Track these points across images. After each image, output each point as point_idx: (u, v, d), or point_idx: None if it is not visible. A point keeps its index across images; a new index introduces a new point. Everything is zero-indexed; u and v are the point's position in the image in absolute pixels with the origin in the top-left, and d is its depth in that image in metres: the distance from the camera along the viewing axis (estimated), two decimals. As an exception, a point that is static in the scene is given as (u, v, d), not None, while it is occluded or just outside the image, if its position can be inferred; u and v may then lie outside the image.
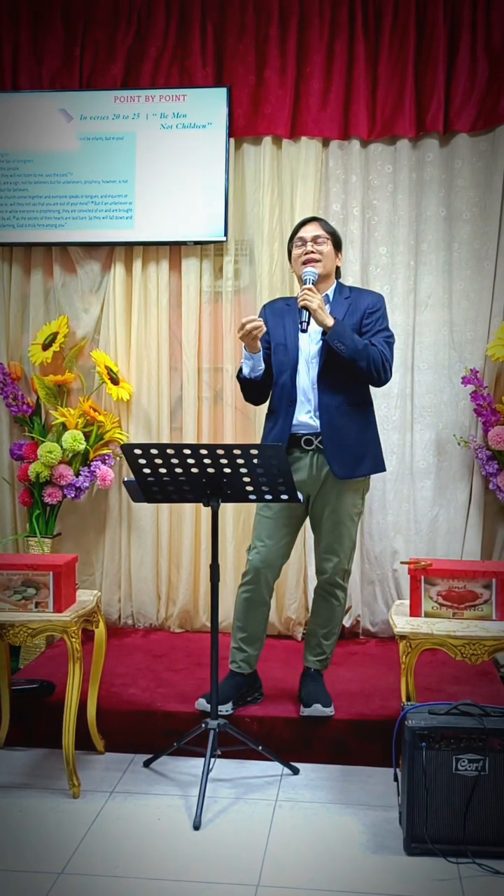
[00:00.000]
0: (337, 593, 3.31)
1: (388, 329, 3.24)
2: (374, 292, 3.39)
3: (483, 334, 3.99)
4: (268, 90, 4.07)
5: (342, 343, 3.03)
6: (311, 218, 3.33)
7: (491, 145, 3.96)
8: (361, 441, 3.20)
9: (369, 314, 3.20)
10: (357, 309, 3.21)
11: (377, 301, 3.26)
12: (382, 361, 3.11)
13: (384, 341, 3.17)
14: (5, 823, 2.76)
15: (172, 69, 4.15)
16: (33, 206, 4.16)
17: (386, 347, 3.15)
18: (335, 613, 3.34)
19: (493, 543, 4.10)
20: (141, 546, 4.25)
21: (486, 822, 2.58)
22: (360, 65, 3.99)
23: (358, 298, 3.25)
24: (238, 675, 3.31)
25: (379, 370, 3.10)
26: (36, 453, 4.05)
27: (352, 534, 3.26)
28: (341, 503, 3.20)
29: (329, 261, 3.21)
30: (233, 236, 4.14)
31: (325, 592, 3.32)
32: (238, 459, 2.81)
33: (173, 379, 4.24)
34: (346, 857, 2.58)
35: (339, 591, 3.31)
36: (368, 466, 3.24)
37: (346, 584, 3.32)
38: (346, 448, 3.16)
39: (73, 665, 2.93)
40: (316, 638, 3.36)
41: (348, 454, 3.16)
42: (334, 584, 3.28)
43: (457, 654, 2.82)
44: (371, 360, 3.08)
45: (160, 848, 2.62)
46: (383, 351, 3.12)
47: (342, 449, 3.15)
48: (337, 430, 3.14)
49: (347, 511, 3.22)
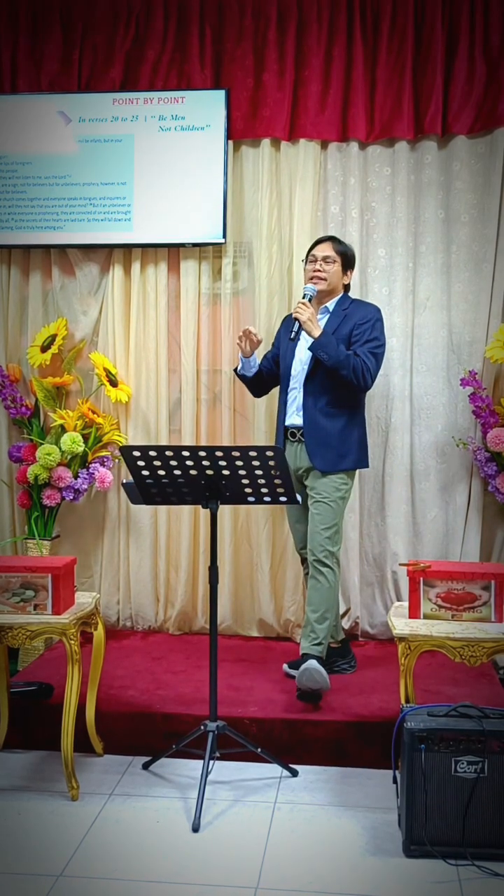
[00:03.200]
0: (323, 571, 3.41)
1: (377, 339, 3.51)
2: (371, 305, 3.64)
3: (482, 336, 4.00)
4: (266, 93, 4.07)
5: (325, 353, 3.37)
6: (327, 237, 3.63)
7: (489, 147, 3.97)
8: (343, 439, 3.49)
9: (359, 325, 3.49)
10: (350, 319, 3.51)
11: (369, 313, 3.54)
12: (362, 371, 3.41)
13: (368, 351, 3.45)
14: (4, 826, 2.75)
15: (171, 72, 4.15)
16: (32, 208, 4.16)
17: (369, 357, 3.44)
18: (323, 595, 3.39)
19: (491, 545, 4.10)
20: (139, 548, 4.25)
21: (486, 825, 2.58)
22: (359, 67, 4.00)
23: (355, 310, 3.55)
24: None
25: (358, 378, 3.40)
26: (34, 455, 4.05)
27: (335, 513, 3.46)
28: (324, 483, 3.47)
29: (334, 279, 3.55)
30: (231, 238, 4.15)
31: (313, 571, 3.44)
32: (236, 461, 2.81)
33: (172, 381, 4.24)
34: (345, 860, 2.58)
35: (325, 570, 3.41)
36: (350, 462, 3.53)
37: (331, 564, 3.42)
38: (327, 445, 3.47)
39: (72, 667, 2.93)
40: (310, 624, 3.40)
41: (329, 451, 3.47)
42: (318, 560, 3.42)
43: (456, 655, 2.82)
44: (352, 368, 3.39)
45: (159, 850, 2.62)
46: (365, 361, 3.42)
47: (323, 445, 3.46)
48: (318, 428, 3.47)
49: (329, 491, 3.46)
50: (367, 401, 3.85)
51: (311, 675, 3.21)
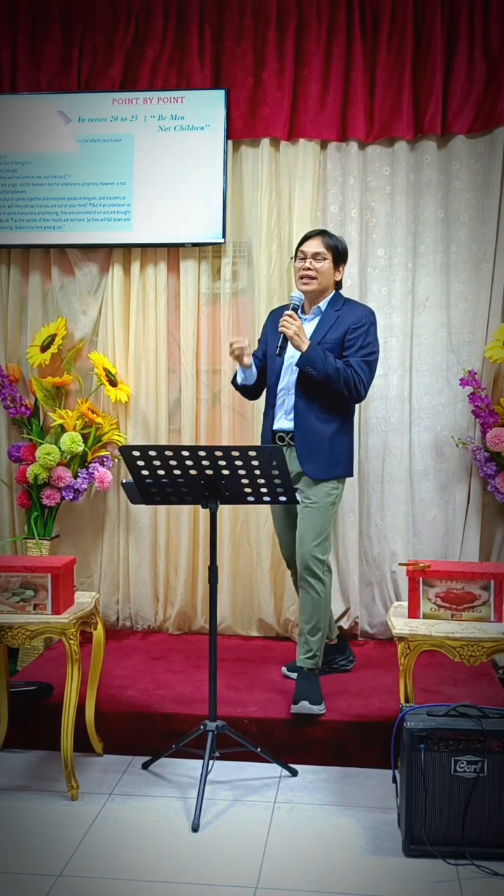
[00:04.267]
0: (312, 583, 3.32)
1: (371, 346, 3.35)
2: (363, 307, 3.48)
3: (481, 336, 4.00)
4: (266, 92, 4.07)
5: (313, 368, 3.22)
6: (317, 232, 3.46)
7: (488, 147, 3.97)
8: (334, 445, 3.35)
9: (353, 330, 3.33)
10: (342, 323, 3.35)
11: (362, 317, 3.36)
12: (354, 383, 3.26)
13: (362, 360, 3.30)
14: (4, 826, 2.75)
15: (170, 71, 4.15)
16: (31, 207, 4.16)
17: (362, 367, 3.29)
18: (314, 606, 3.34)
19: (491, 545, 4.10)
20: (139, 548, 4.25)
21: (485, 824, 2.58)
22: (358, 67, 4.00)
23: (347, 312, 3.38)
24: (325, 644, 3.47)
25: (350, 390, 3.27)
26: (34, 455, 4.05)
27: (324, 521, 3.34)
28: (314, 491, 3.34)
29: (325, 277, 3.38)
30: (231, 238, 4.15)
31: (303, 582, 3.36)
32: (236, 461, 2.81)
33: (171, 381, 4.24)
34: (345, 859, 2.58)
35: (315, 581, 3.32)
36: (341, 470, 3.40)
37: (321, 574, 3.33)
38: (318, 451, 3.33)
39: (72, 667, 2.93)
40: (303, 636, 3.38)
41: (320, 456, 3.33)
42: (307, 570, 3.32)
43: (455, 655, 2.83)
44: (342, 381, 3.25)
45: (159, 850, 2.62)
46: (357, 371, 3.27)
47: (314, 451, 3.33)
48: (309, 433, 3.33)
49: (319, 499, 3.33)
50: (366, 401, 3.86)
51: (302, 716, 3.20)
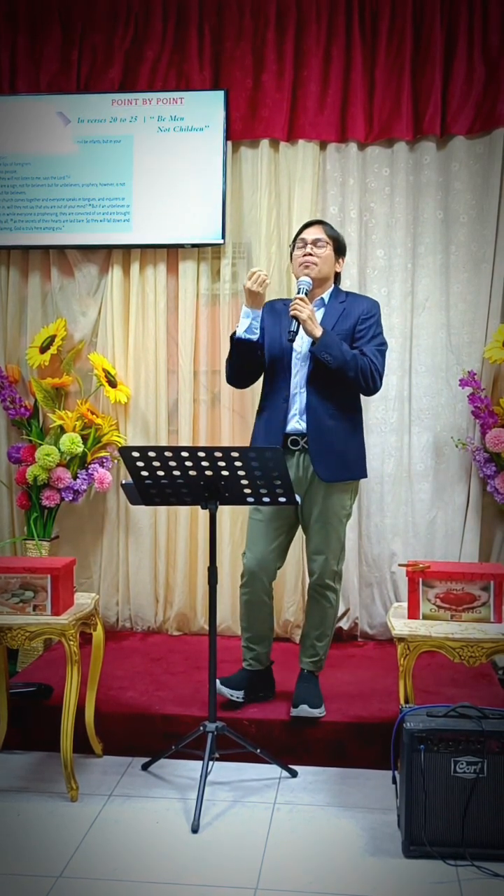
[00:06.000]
0: (327, 595, 3.31)
1: (381, 336, 3.26)
2: (369, 298, 3.42)
3: (480, 337, 4.00)
4: (265, 93, 4.07)
5: (329, 354, 3.06)
6: (316, 221, 3.38)
7: (488, 148, 3.97)
8: (348, 446, 3.23)
9: (363, 320, 3.22)
10: (351, 314, 3.23)
11: (371, 307, 3.27)
12: (371, 372, 3.13)
13: (376, 350, 3.18)
14: (3, 827, 2.75)
15: (170, 73, 4.15)
16: (31, 208, 4.16)
17: (377, 357, 3.17)
18: (326, 615, 3.34)
19: (490, 545, 4.10)
20: (139, 549, 4.25)
21: (485, 825, 2.58)
22: (357, 68, 4.00)
23: (353, 304, 3.27)
24: (250, 671, 3.37)
25: (367, 380, 3.13)
26: (34, 456, 4.05)
27: (339, 534, 3.28)
28: (329, 504, 3.23)
29: (327, 265, 3.24)
30: (230, 239, 4.15)
31: (315, 594, 3.33)
32: (236, 462, 2.81)
33: (171, 381, 4.24)
34: (345, 860, 2.57)
35: (330, 593, 3.31)
36: (354, 471, 3.27)
37: (336, 585, 3.33)
38: (332, 452, 3.19)
39: (71, 668, 2.93)
40: (309, 640, 3.37)
41: (334, 458, 3.19)
42: (324, 585, 3.29)
43: (455, 656, 2.82)
44: (359, 370, 3.11)
45: (158, 851, 2.62)
46: (373, 361, 3.14)
47: (328, 452, 3.18)
48: (323, 433, 3.17)
49: (335, 512, 3.24)
50: (366, 402, 3.85)
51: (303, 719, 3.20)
